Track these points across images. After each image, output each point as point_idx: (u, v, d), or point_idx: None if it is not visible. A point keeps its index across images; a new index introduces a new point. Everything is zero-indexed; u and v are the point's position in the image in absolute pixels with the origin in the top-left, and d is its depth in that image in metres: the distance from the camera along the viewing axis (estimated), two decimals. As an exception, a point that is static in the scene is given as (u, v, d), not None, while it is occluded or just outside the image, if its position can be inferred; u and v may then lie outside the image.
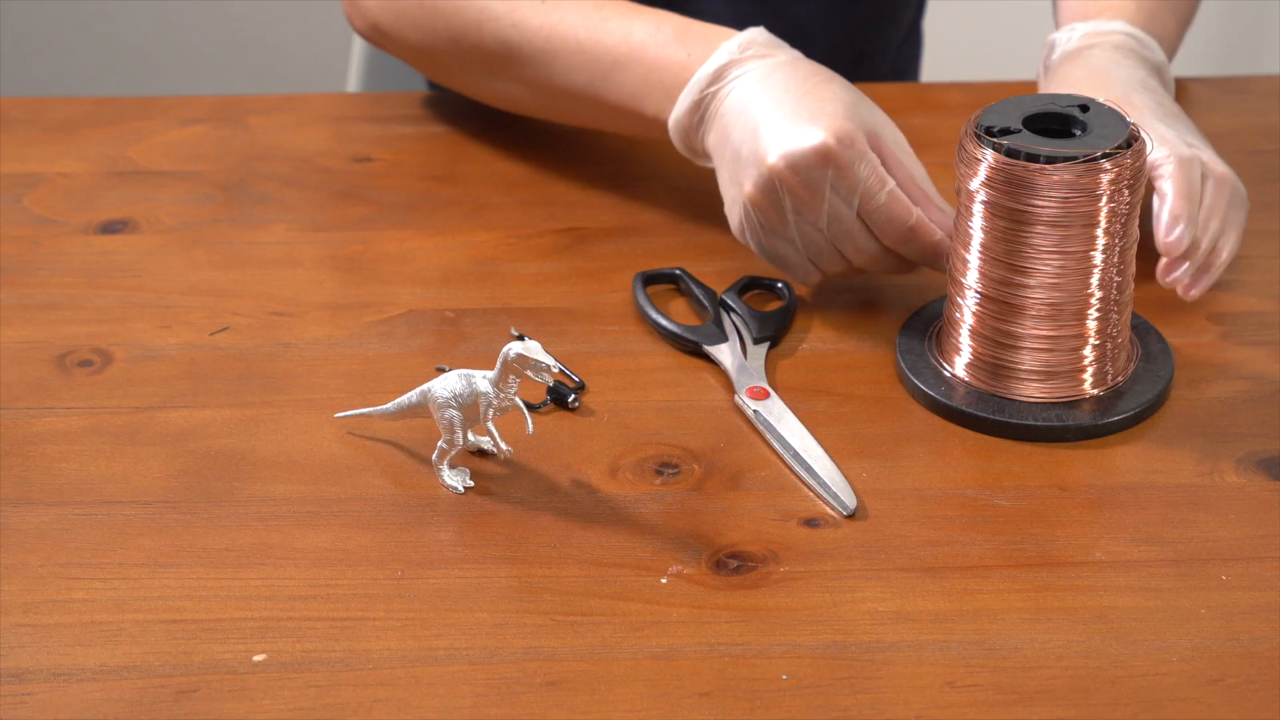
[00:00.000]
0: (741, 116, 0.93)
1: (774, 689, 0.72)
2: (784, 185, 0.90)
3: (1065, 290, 0.85)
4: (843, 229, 0.91)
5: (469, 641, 0.74)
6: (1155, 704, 0.71)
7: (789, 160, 0.89)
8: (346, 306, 0.97)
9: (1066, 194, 0.83)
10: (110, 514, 0.81)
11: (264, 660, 0.73)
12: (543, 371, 0.79)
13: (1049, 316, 0.86)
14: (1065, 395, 0.87)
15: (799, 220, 0.91)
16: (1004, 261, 0.85)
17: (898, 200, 0.91)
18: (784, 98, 0.92)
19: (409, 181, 1.10)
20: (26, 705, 0.71)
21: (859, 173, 0.89)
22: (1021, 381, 0.87)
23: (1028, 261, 0.85)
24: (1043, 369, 0.87)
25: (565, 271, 1.00)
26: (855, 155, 0.89)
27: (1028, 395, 0.87)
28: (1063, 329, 0.86)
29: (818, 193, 0.90)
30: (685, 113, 0.97)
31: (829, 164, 0.89)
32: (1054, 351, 0.86)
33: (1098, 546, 0.79)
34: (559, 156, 1.12)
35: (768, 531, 0.80)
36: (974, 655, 0.73)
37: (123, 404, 0.89)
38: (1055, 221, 0.83)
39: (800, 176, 0.89)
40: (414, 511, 0.81)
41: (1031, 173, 0.83)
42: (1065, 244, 0.84)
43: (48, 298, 0.97)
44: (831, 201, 0.90)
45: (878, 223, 0.91)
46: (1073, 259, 0.84)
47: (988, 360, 0.87)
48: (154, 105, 1.20)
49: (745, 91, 0.94)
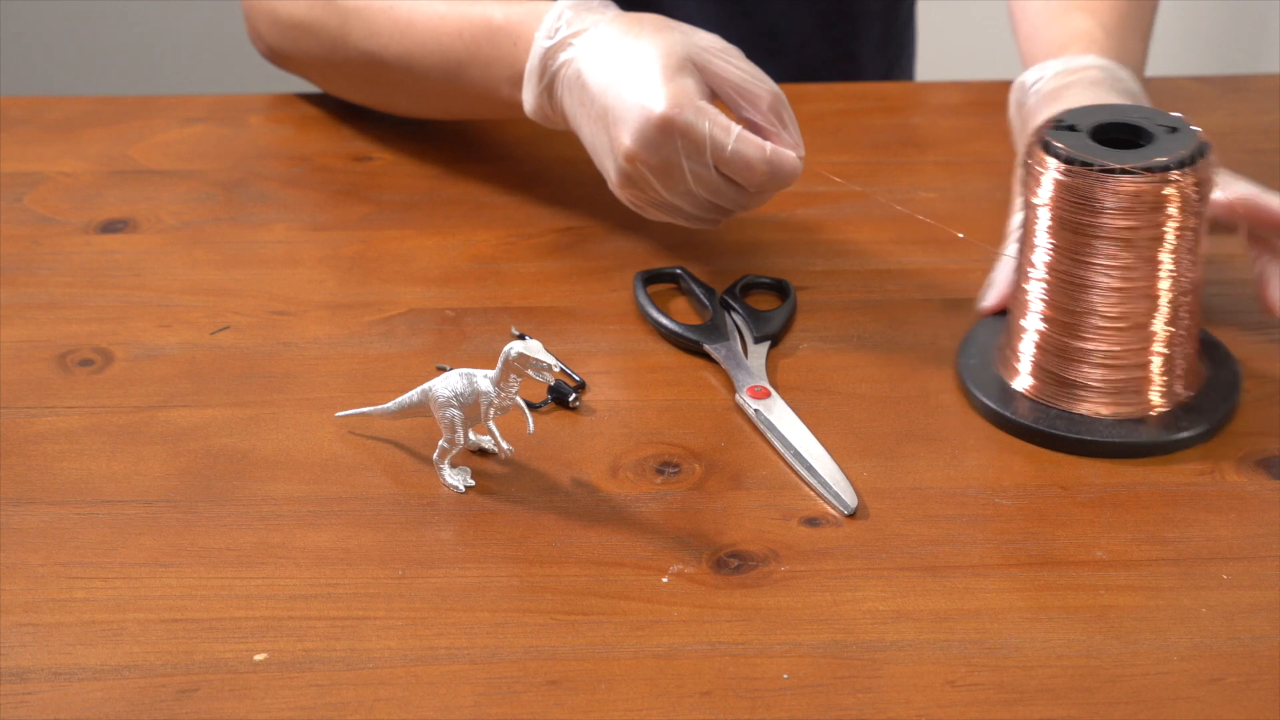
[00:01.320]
0: (583, 100, 0.95)
1: (775, 688, 0.72)
2: (644, 167, 0.92)
3: (1132, 304, 0.83)
4: (709, 186, 0.93)
5: (470, 640, 0.74)
6: (1156, 703, 0.71)
7: (638, 144, 0.91)
8: (347, 306, 0.97)
9: (1135, 206, 0.81)
10: (111, 513, 0.81)
11: (265, 659, 0.73)
12: (543, 371, 0.79)
13: (1115, 331, 0.84)
14: (1132, 411, 0.85)
15: (669, 190, 0.93)
16: (1068, 273, 0.84)
17: (746, 142, 0.91)
18: (613, 74, 0.93)
19: (409, 181, 1.10)
20: (27, 704, 0.71)
21: (702, 130, 0.90)
22: (1088, 397, 0.85)
23: (1093, 275, 0.83)
24: (1109, 384, 0.85)
25: (566, 271, 1.00)
26: (693, 113, 0.90)
27: (1094, 411, 0.85)
28: (1129, 344, 0.84)
29: (674, 163, 0.92)
30: (537, 103, 1.00)
31: (674, 134, 0.90)
32: (1120, 367, 0.85)
33: (1098, 545, 0.79)
34: (559, 156, 1.12)
35: (768, 531, 0.80)
36: (975, 654, 0.73)
37: (123, 403, 0.89)
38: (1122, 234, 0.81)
39: (653, 155, 0.91)
40: (415, 511, 0.81)
41: (1099, 184, 0.81)
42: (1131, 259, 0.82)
43: (48, 297, 0.98)
44: (689, 167, 0.92)
45: (736, 170, 0.92)
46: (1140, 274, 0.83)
47: (1053, 375, 0.86)
48: (154, 104, 1.20)
49: (578, 70, 0.96)
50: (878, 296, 0.98)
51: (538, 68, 0.98)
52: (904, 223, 1.04)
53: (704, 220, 0.97)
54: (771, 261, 1.01)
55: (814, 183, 1.08)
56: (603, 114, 0.93)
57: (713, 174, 0.92)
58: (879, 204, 1.06)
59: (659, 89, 0.90)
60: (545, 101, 0.99)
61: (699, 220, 0.97)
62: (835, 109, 1.19)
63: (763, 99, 0.93)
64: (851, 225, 1.05)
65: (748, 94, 0.93)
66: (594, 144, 0.96)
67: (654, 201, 0.95)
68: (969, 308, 0.96)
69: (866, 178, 1.08)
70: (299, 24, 1.10)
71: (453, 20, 1.03)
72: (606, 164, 0.95)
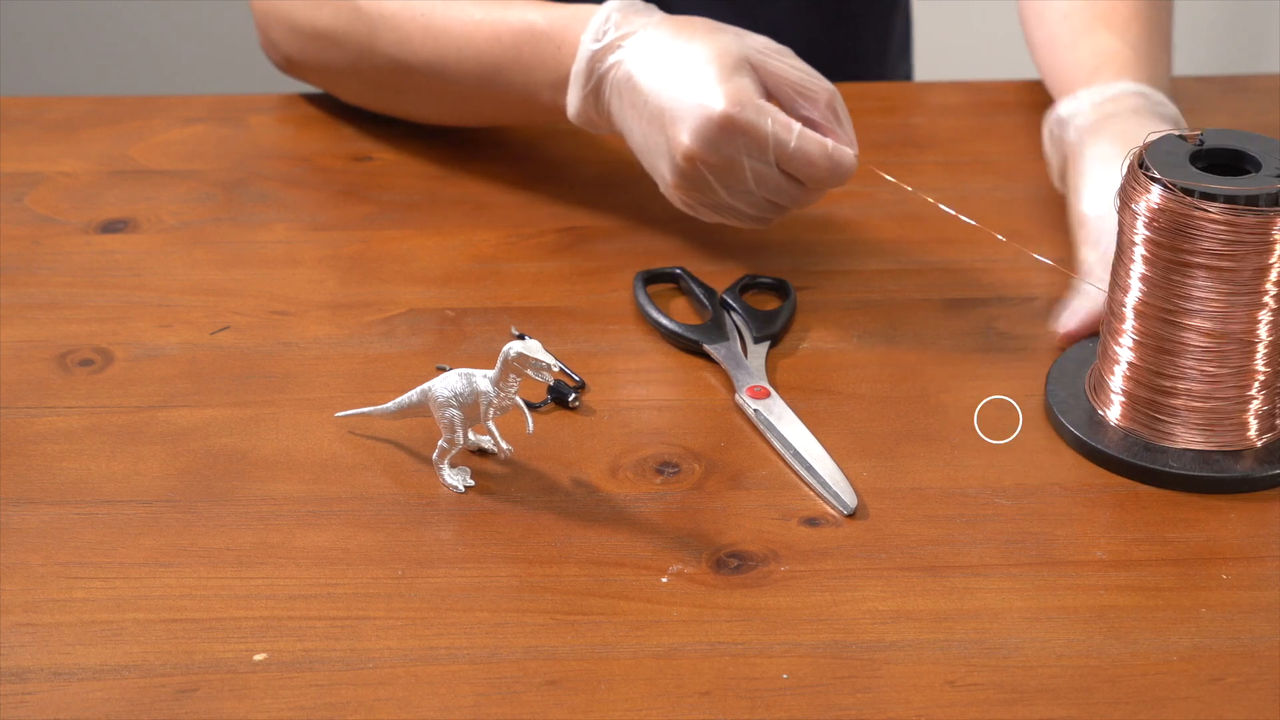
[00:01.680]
0: (634, 102, 0.95)
1: (774, 688, 0.71)
2: (703, 167, 0.92)
3: (1230, 337, 0.81)
4: (769, 185, 0.93)
5: (470, 640, 0.74)
6: (1156, 703, 0.71)
7: (699, 143, 0.91)
8: (347, 306, 0.97)
9: (1236, 236, 0.78)
10: (111, 513, 0.81)
11: (265, 659, 0.73)
12: (543, 371, 0.79)
13: (1211, 362, 0.81)
14: (1227, 444, 0.83)
15: (729, 190, 0.93)
16: (1164, 304, 0.81)
17: (808, 139, 0.92)
18: (667, 75, 0.93)
19: (409, 181, 1.10)
20: (27, 704, 0.71)
21: (765, 129, 0.91)
22: (1181, 429, 0.83)
23: (1190, 305, 0.80)
24: (1203, 417, 0.82)
25: (566, 271, 1.00)
26: (755, 112, 0.90)
27: (1187, 444, 0.83)
28: (1226, 375, 0.81)
29: (735, 162, 0.92)
30: (581, 106, 0.99)
31: (736, 133, 0.90)
32: (1216, 398, 0.82)
33: (1098, 545, 0.79)
34: (559, 156, 1.12)
35: (768, 531, 0.80)
36: (974, 654, 0.73)
37: (123, 403, 0.89)
38: (1222, 266, 0.79)
39: (715, 154, 0.91)
40: (414, 511, 0.81)
41: (1198, 213, 0.78)
42: (1233, 288, 0.79)
43: (48, 297, 0.98)
44: (750, 165, 0.92)
45: (798, 167, 0.92)
46: (1241, 303, 0.80)
47: (1145, 405, 0.83)
48: (154, 104, 1.20)
49: (628, 72, 0.95)
50: (878, 296, 0.98)
51: (584, 70, 0.97)
52: (904, 222, 1.04)
53: (758, 220, 0.97)
54: (771, 261, 1.01)
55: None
56: (658, 115, 0.93)
57: (774, 172, 0.92)
58: (879, 204, 1.06)
59: (717, 88, 0.90)
60: (591, 105, 0.98)
61: (753, 220, 0.97)
62: (835, 109, 1.18)
63: (820, 96, 0.93)
64: (851, 225, 1.05)
65: (805, 92, 0.93)
66: (646, 146, 0.95)
67: (710, 203, 0.95)
68: (969, 308, 0.96)
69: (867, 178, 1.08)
70: (323, 33, 1.09)
71: (489, 26, 1.02)
72: (661, 165, 0.94)
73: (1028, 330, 0.94)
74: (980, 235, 0.99)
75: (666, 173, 0.94)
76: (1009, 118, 1.17)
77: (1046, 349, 0.92)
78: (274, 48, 1.14)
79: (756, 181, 0.93)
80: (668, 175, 0.94)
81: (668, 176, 0.94)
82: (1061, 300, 0.93)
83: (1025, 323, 0.95)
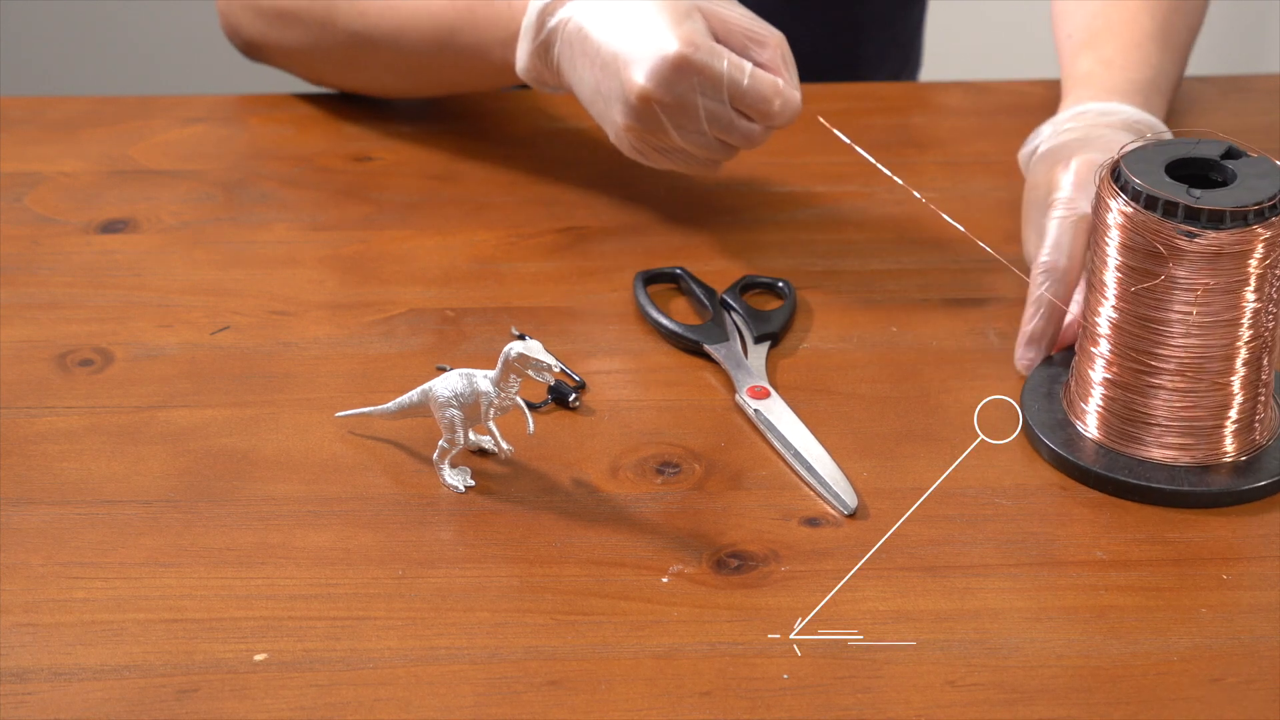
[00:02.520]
0: (585, 51, 0.96)
1: (775, 688, 0.71)
2: (658, 107, 0.93)
3: (1208, 350, 0.79)
4: (722, 123, 0.94)
5: (470, 641, 0.74)
6: (1156, 703, 0.71)
7: (654, 83, 0.92)
8: (347, 306, 0.97)
9: (1214, 252, 0.77)
10: (111, 513, 0.81)
11: (265, 659, 0.73)
12: (543, 371, 0.79)
13: (1189, 376, 0.80)
14: (1204, 459, 0.82)
15: (681, 131, 0.94)
16: (1141, 316, 0.80)
17: (761, 78, 0.93)
18: (619, 23, 0.94)
19: (409, 181, 1.10)
20: (27, 705, 0.71)
21: (720, 68, 0.92)
22: (1157, 443, 0.82)
23: (1167, 318, 0.79)
24: (1181, 431, 0.81)
25: (565, 271, 1.00)
26: (709, 52, 0.92)
27: (1163, 458, 0.82)
28: (1203, 390, 0.80)
29: (690, 102, 0.93)
30: (530, 61, 1.00)
31: (691, 72, 0.91)
32: (1193, 412, 0.81)
33: (1098, 545, 0.79)
34: (559, 156, 1.12)
35: (768, 531, 0.80)
36: (975, 654, 0.73)
37: (123, 403, 0.89)
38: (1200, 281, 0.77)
39: (669, 94, 0.92)
40: (415, 511, 0.81)
41: (1174, 229, 0.77)
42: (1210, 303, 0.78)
43: (48, 297, 0.97)
44: (704, 105, 0.93)
45: (752, 104, 0.93)
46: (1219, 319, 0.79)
47: (1121, 419, 0.82)
48: (154, 105, 1.20)
49: (579, 24, 0.96)
50: (878, 296, 0.98)
51: (534, 24, 0.98)
52: (904, 223, 1.04)
53: (706, 163, 0.98)
54: (771, 261, 1.01)
55: (814, 182, 1.08)
56: (611, 60, 0.94)
57: (728, 111, 0.94)
58: (879, 204, 1.06)
59: (670, 31, 0.92)
60: (540, 60, 1.00)
61: (701, 164, 0.98)
62: (835, 109, 1.18)
63: (770, 40, 0.95)
64: (851, 225, 1.05)
65: (755, 37, 0.94)
66: (598, 93, 0.96)
67: (661, 147, 0.96)
68: (969, 308, 0.96)
69: (867, 178, 1.08)
70: (284, 12, 1.11)
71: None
72: (613, 110, 0.95)
73: (1028, 330, 0.94)
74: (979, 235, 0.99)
75: (619, 116, 0.95)
76: (1009, 118, 1.16)
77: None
78: (236, 33, 1.16)
79: (710, 121, 0.94)
80: (619, 119, 0.95)
81: (619, 120, 0.95)
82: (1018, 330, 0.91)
83: (1025, 323, 0.94)
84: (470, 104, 1.16)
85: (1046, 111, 1.02)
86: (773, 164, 1.10)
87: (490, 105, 1.17)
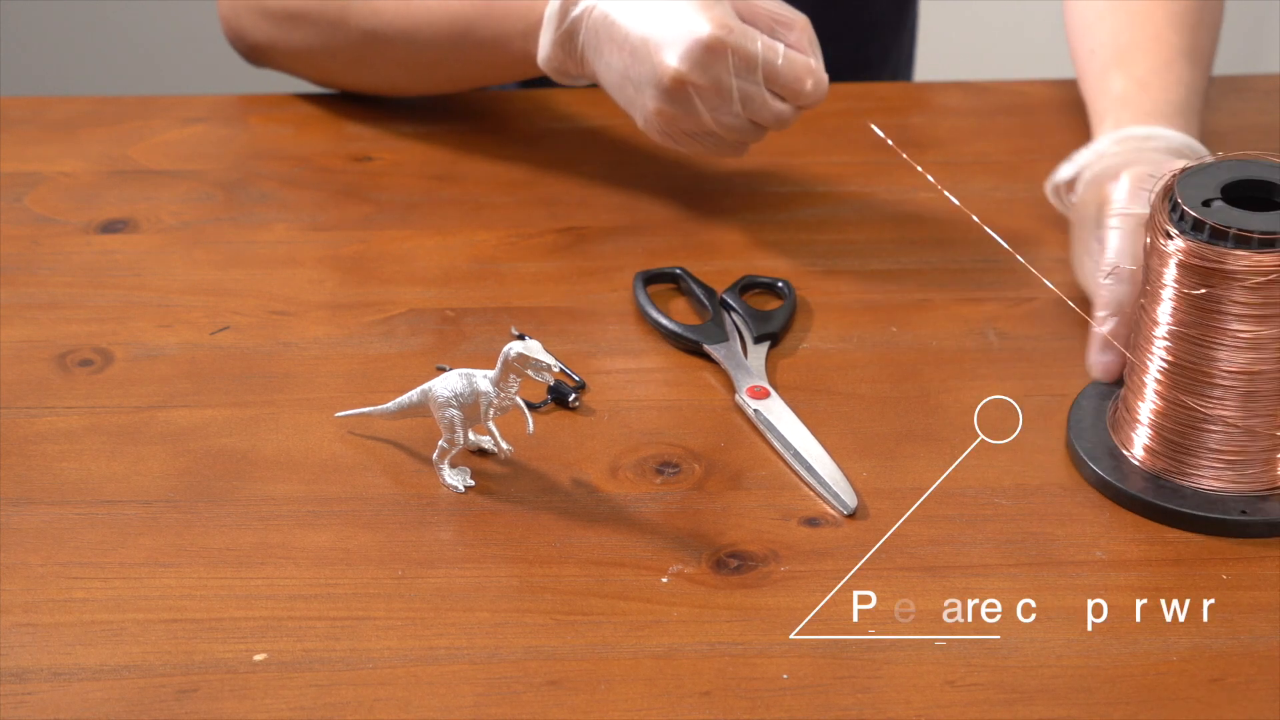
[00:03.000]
0: (613, 37, 0.96)
1: (774, 688, 0.72)
2: (691, 89, 0.93)
3: (1263, 377, 0.78)
4: (755, 104, 0.95)
5: (470, 641, 0.74)
6: (1156, 703, 0.71)
7: (687, 65, 0.92)
8: (347, 306, 0.97)
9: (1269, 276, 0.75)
10: (110, 513, 0.81)
11: (264, 659, 0.73)
12: (543, 371, 0.79)
13: (1242, 403, 0.78)
14: (1257, 487, 0.80)
15: (714, 113, 0.95)
16: (1195, 342, 0.78)
17: (794, 58, 0.94)
18: (646, 9, 0.95)
19: (409, 181, 1.10)
20: (27, 705, 0.71)
21: (754, 49, 0.93)
22: (1208, 470, 0.80)
23: (1221, 345, 0.77)
24: (1234, 458, 0.80)
25: (565, 271, 1.00)
26: (742, 34, 0.93)
27: (1214, 486, 0.80)
28: (1257, 416, 0.79)
29: (723, 83, 0.93)
30: (553, 50, 1.00)
31: (724, 54, 0.92)
32: (1246, 439, 0.79)
33: (1098, 545, 0.79)
34: (559, 156, 1.12)
35: (768, 531, 0.80)
36: (974, 654, 0.73)
37: (123, 403, 0.89)
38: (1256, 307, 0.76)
39: (705, 75, 0.93)
40: (414, 511, 0.81)
41: (1229, 254, 0.75)
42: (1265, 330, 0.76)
43: (48, 297, 0.97)
44: (738, 86, 0.94)
45: (783, 85, 0.94)
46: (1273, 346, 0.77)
47: (1171, 446, 0.81)
48: (154, 105, 1.20)
49: (604, 11, 0.97)
50: (878, 296, 0.98)
51: (557, 13, 0.99)
52: (904, 223, 1.04)
53: (735, 147, 0.98)
54: (771, 261, 1.01)
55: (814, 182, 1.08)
56: (641, 45, 0.94)
57: (762, 92, 0.94)
58: (879, 204, 1.06)
59: (700, 15, 0.92)
60: (561, 50, 1.00)
61: (730, 148, 0.98)
62: (835, 109, 1.18)
63: (796, 23, 0.96)
64: (851, 225, 1.05)
65: (781, 19, 0.95)
66: (625, 79, 0.96)
67: (692, 130, 0.96)
68: (969, 308, 0.96)
69: (867, 178, 1.08)
70: (295, 14, 1.10)
71: None
72: (643, 95, 0.96)
73: (1028, 330, 0.94)
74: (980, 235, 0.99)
75: (650, 100, 0.95)
76: (1009, 118, 1.16)
77: (1046, 349, 0.92)
78: (240, 38, 1.15)
79: (743, 102, 0.94)
80: (650, 103, 0.95)
81: (650, 105, 0.95)
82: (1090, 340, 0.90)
83: (1025, 323, 0.95)
84: (470, 104, 1.16)
85: (1046, 111, 1.02)
86: (773, 164, 1.10)
87: (490, 105, 1.17)
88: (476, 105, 1.15)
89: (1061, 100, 1.16)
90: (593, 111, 1.15)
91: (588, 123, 1.14)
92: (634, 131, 1.03)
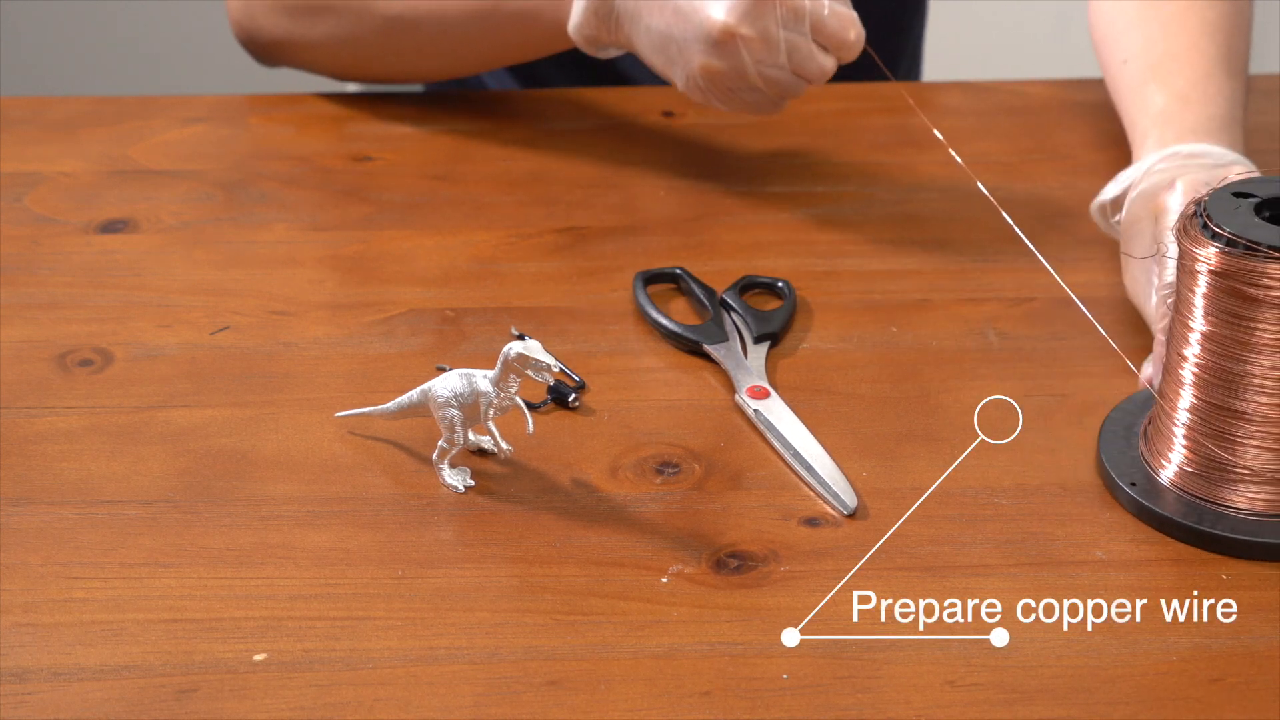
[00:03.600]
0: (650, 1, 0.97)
1: (774, 688, 0.71)
2: (740, 41, 0.94)
3: None
4: (801, 55, 0.96)
5: (470, 641, 0.74)
6: (1156, 703, 0.71)
7: (735, 17, 0.94)
8: (347, 306, 0.97)
9: None
10: (110, 513, 0.81)
11: (264, 660, 0.73)
12: (543, 371, 0.79)
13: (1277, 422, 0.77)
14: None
15: (762, 66, 0.96)
16: (1226, 359, 0.77)
17: (839, 10, 0.96)
18: None
19: (409, 181, 1.10)
20: (27, 705, 0.71)
21: (803, 1, 0.94)
22: (1243, 491, 0.79)
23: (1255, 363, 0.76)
24: (1269, 479, 0.78)
25: (565, 271, 1.00)
26: None
27: (1250, 508, 0.78)
28: None
29: (771, 34, 0.95)
30: (585, 17, 1.01)
31: (774, 3, 0.94)
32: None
33: (1098, 545, 0.79)
34: (559, 156, 1.12)
35: (768, 531, 0.80)
36: (974, 654, 0.73)
37: (123, 403, 0.89)
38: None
39: (754, 26, 0.94)
40: (414, 511, 0.81)
41: (1264, 272, 0.74)
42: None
43: (48, 297, 0.98)
44: (785, 36, 0.95)
45: (829, 35, 0.96)
46: None
47: (1205, 466, 0.79)
48: (154, 105, 1.20)
49: None
50: (878, 296, 0.98)
51: None
52: (904, 223, 1.05)
53: (774, 104, 0.99)
54: (771, 261, 1.01)
55: (814, 182, 1.08)
56: (685, 3, 0.95)
57: (808, 43, 0.96)
58: (879, 204, 1.06)
59: None
60: (595, 17, 1.00)
61: (770, 104, 0.99)
62: (835, 109, 1.19)
63: None
64: (851, 225, 1.05)
65: None
66: (668, 39, 0.97)
67: (735, 85, 0.97)
68: (969, 308, 0.96)
69: (867, 178, 1.08)
70: (315, 6, 1.10)
71: None
72: (688, 52, 0.96)
73: (1028, 330, 0.94)
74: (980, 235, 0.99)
75: (696, 56, 0.96)
76: (1009, 118, 1.17)
77: (1046, 349, 0.92)
78: (253, 37, 1.15)
79: (789, 54, 0.96)
80: (697, 59, 0.96)
81: (696, 61, 0.96)
82: None
83: (1025, 323, 0.95)
84: (470, 104, 1.16)
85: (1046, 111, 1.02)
86: (773, 163, 1.10)
87: (490, 105, 1.17)
88: (476, 105, 1.15)
89: (1062, 100, 1.16)
90: (593, 111, 1.15)
91: (588, 123, 1.14)
92: (634, 131, 1.04)
